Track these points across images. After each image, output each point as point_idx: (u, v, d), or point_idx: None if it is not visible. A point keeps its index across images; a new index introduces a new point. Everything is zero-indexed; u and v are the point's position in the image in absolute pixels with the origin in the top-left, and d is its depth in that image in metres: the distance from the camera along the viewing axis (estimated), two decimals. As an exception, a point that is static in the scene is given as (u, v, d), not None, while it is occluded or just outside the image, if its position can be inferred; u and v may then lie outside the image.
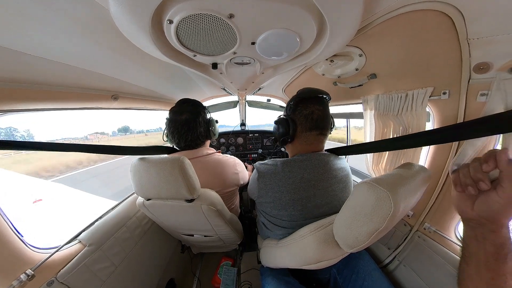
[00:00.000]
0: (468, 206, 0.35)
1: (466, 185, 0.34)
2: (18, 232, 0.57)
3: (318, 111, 0.68)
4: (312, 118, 0.69)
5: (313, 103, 0.69)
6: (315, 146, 0.73)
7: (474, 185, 0.33)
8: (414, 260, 0.73)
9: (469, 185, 0.33)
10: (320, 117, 0.69)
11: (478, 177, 0.32)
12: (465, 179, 0.34)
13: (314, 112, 0.68)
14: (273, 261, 0.76)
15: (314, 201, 0.65)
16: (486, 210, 0.32)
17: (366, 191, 0.43)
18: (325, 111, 0.71)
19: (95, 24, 0.49)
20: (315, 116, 0.69)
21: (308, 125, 0.70)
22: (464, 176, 0.34)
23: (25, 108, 0.62)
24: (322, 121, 0.70)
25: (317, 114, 0.69)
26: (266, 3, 0.42)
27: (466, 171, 0.34)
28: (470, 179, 0.33)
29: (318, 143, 0.73)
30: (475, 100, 0.54)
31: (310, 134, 0.71)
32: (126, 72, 0.82)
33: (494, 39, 0.45)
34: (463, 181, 0.34)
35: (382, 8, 0.50)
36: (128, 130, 62.70)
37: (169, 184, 0.65)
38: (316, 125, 0.70)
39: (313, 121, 0.69)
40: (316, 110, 0.68)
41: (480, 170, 0.32)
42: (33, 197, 2.86)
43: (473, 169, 0.33)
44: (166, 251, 1.14)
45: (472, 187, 0.33)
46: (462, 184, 0.35)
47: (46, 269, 0.59)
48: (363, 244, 0.45)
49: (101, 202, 2.85)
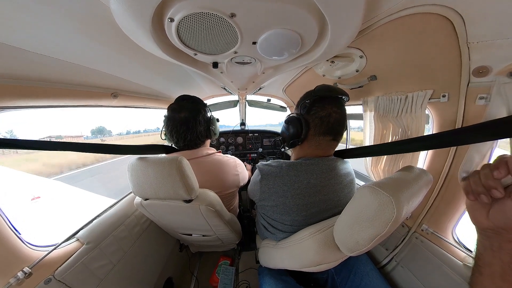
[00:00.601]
0: (482, 215, 0.33)
1: (478, 193, 0.32)
2: (16, 230, 0.56)
3: (335, 114, 0.62)
4: (328, 121, 0.62)
5: (331, 104, 0.62)
6: (325, 152, 0.68)
7: (487, 193, 0.31)
8: (412, 261, 0.73)
9: (482, 193, 0.32)
10: (337, 121, 0.62)
11: (490, 184, 0.31)
12: (476, 187, 0.33)
13: (331, 115, 0.62)
14: (271, 261, 0.76)
15: (319, 207, 0.64)
16: (502, 218, 0.31)
17: (369, 195, 0.42)
18: (343, 114, 0.64)
19: (96, 22, 0.48)
20: (332, 119, 0.62)
21: (323, 129, 0.63)
22: (475, 184, 0.33)
23: (25, 105, 0.61)
24: (338, 126, 0.63)
25: (334, 118, 0.62)
26: (268, 3, 0.42)
27: (476, 178, 0.33)
28: (481, 186, 0.32)
29: (329, 148, 0.68)
30: (474, 103, 0.54)
31: (323, 139, 0.65)
32: (126, 70, 0.82)
33: (494, 43, 0.45)
34: (475, 189, 0.33)
35: (383, 10, 0.51)
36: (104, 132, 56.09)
37: (166, 185, 0.65)
38: (331, 130, 0.63)
39: (329, 125, 0.62)
40: (333, 112, 0.62)
41: (491, 177, 0.30)
42: (32, 194, 2.85)
43: (484, 176, 0.32)
44: (164, 249, 1.14)
45: (484, 195, 0.31)
46: (474, 192, 0.33)
47: (43, 267, 0.59)
48: (364, 249, 0.45)
49: (99, 200, 2.84)
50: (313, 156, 0.68)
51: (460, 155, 0.61)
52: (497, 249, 0.32)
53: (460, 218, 0.65)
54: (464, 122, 0.59)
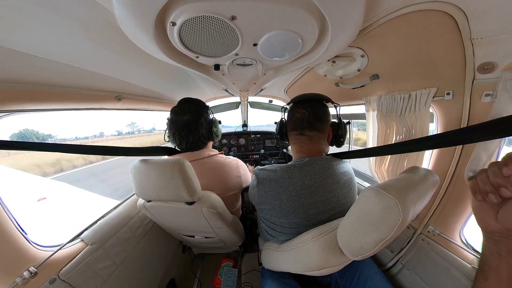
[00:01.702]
0: (490, 217, 0.31)
1: (486, 192, 0.30)
2: (23, 230, 0.57)
3: (298, 114, 0.75)
4: (292, 119, 0.77)
5: (299, 106, 0.76)
6: (300, 146, 0.76)
7: (496, 192, 0.30)
8: (418, 264, 0.71)
9: (490, 192, 0.30)
10: (299, 119, 0.75)
11: (499, 182, 0.29)
12: (484, 185, 0.31)
13: (295, 115, 0.76)
14: (274, 264, 0.75)
15: (316, 208, 0.64)
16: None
17: (373, 198, 0.41)
18: (307, 113, 0.74)
19: (100, 27, 0.50)
20: (295, 117, 0.76)
21: (291, 126, 0.79)
22: (482, 182, 0.31)
23: (31, 109, 0.63)
24: (301, 123, 0.74)
25: (296, 116, 0.75)
26: (268, 5, 0.42)
27: (484, 176, 0.31)
28: (490, 185, 0.30)
29: (302, 142, 0.76)
30: (479, 100, 0.53)
31: (294, 133, 0.78)
32: (129, 73, 0.84)
33: (499, 38, 0.44)
34: (483, 188, 0.31)
35: (384, 8, 0.50)
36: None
37: (169, 187, 0.65)
38: (296, 126, 0.76)
39: (293, 122, 0.77)
40: (297, 113, 0.76)
41: (500, 175, 0.29)
42: (38, 195, 2.91)
43: (492, 174, 0.30)
44: (167, 251, 1.14)
45: (493, 194, 0.30)
46: (482, 191, 0.31)
47: (48, 267, 0.60)
48: (369, 253, 0.44)
49: (103, 201, 2.88)
50: (301, 153, 0.75)
51: (466, 154, 0.60)
52: (505, 253, 0.30)
53: (468, 218, 0.63)
54: (470, 120, 0.57)
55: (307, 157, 0.71)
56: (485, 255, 0.33)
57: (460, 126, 0.59)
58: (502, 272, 0.30)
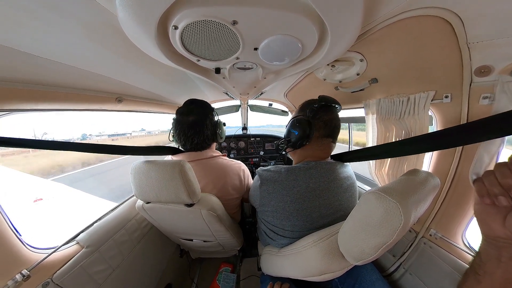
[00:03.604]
0: (497, 221, 0.30)
1: (496, 195, 0.29)
2: (17, 231, 0.56)
3: (335, 120, 0.72)
4: (331, 125, 0.71)
5: (332, 111, 0.73)
6: (325, 153, 0.74)
7: (506, 194, 0.28)
8: (421, 268, 0.70)
9: (500, 195, 0.28)
10: (336, 127, 0.72)
11: (510, 183, 0.27)
12: (492, 187, 0.29)
13: (333, 121, 0.72)
14: (273, 269, 0.73)
15: (319, 211, 0.63)
16: None
17: (374, 201, 0.40)
18: (339, 121, 0.74)
19: (102, 28, 0.50)
20: (333, 124, 0.72)
21: (326, 132, 0.71)
22: (490, 184, 0.29)
23: (31, 108, 0.63)
24: (337, 130, 0.73)
25: (335, 123, 0.72)
26: (269, 10, 0.43)
27: (492, 178, 0.29)
28: (499, 187, 0.28)
29: (329, 150, 0.74)
30: (477, 103, 0.54)
31: (326, 140, 0.72)
32: (130, 75, 0.84)
33: (494, 42, 0.45)
34: (491, 191, 0.29)
35: (382, 14, 0.51)
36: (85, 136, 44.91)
37: (168, 188, 0.64)
38: (332, 133, 0.72)
39: (331, 128, 0.71)
40: (333, 119, 0.72)
41: (510, 175, 0.27)
42: (34, 196, 2.88)
43: (501, 175, 0.28)
44: (165, 255, 1.12)
45: (503, 196, 0.28)
46: (490, 194, 0.30)
47: (42, 270, 0.58)
48: (370, 257, 0.43)
49: (101, 203, 2.84)
50: (314, 158, 0.71)
51: (467, 155, 0.60)
52: (506, 259, 0.29)
53: (470, 221, 0.62)
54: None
55: (313, 161, 0.69)
56: (481, 259, 0.32)
57: None
58: (498, 277, 0.29)
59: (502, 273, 0.29)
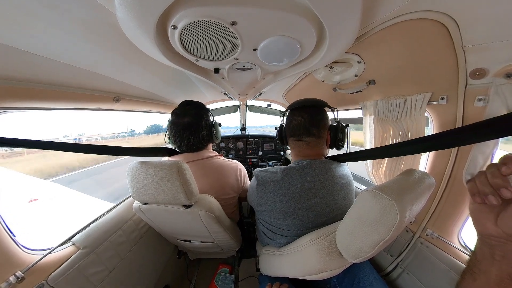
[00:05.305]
0: (490, 220, 0.31)
1: (486, 194, 0.30)
2: (11, 232, 0.55)
3: (295, 121, 0.77)
4: (290, 126, 0.79)
5: (296, 113, 0.78)
6: (298, 151, 0.78)
7: (496, 193, 0.29)
8: (418, 268, 0.71)
9: (489, 194, 0.29)
10: (295, 126, 0.76)
11: (498, 183, 0.28)
12: (483, 187, 0.30)
13: (292, 122, 0.78)
14: (272, 269, 0.73)
15: (315, 210, 0.64)
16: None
17: (370, 199, 0.41)
18: (305, 120, 0.75)
19: (101, 27, 0.50)
20: (292, 124, 0.78)
21: (289, 132, 0.80)
22: (481, 183, 0.31)
23: (28, 107, 0.62)
24: (298, 129, 0.76)
25: (293, 123, 0.77)
26: (268, 11, 0.43)
27: (483, 178, 0.30)
28: (489, 186, 0.30)
29: (304, 146, 0.77)
30: (472, 104, 0.55)
31: (292, 139, 0.80)
32: (129, 74, 0.84)
33: (489, 46, 0.46)
34: (481, 190, 0.31)
35: (379, 17, 0.52)
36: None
37: (166, 189, 0.64)
38: (294, 132, 0.77)
39: (291, 128, 0.78)
40: (293, 120, 0.77)
41: (499, 175, 0.28)
42: (29, 196, 2.83)
43: (491, 175, 0.29)
44: (162, 256, 1.11)
45: (493, 195, 0.29)
46: (481, 193, 0.31)
47: (37, 272, 0.57)
48: (368, 255, 0.44)
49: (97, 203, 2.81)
50: (305, 157, 0.75)
51: (462, 156, 0.61)
52: (499, 258, 0.30)
53: (465, 221, 0.63)
54: (464, 123, 0.59)
55: (305, 160, 0.72)
56: (476, 258, 0.33)
57: None
58: (493, 275, 0.30)
59: (496, 271, 0.30)
